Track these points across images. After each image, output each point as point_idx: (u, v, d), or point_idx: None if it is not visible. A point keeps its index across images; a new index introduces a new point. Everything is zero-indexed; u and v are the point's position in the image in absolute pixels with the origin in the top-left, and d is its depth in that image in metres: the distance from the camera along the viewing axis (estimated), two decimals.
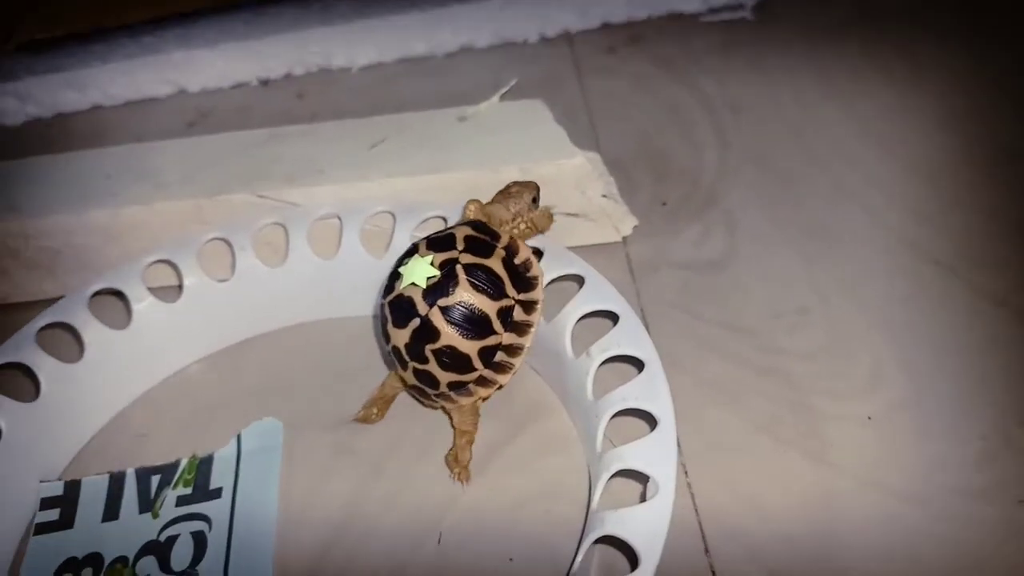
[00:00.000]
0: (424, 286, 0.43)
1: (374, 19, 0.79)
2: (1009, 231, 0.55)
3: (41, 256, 0.57)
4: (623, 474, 0.40)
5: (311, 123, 0.64)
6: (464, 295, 0.42)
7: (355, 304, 0.55)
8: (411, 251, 0.45)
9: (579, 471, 0.46)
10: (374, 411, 0.50)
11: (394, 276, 0.44)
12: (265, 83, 0.80)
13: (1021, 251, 0.54)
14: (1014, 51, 0.71)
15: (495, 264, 0.44)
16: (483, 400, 0.46)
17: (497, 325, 0.43)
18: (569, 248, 0.50)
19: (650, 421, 0.41)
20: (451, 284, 0.42)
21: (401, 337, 0.43)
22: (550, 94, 0.63)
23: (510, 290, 0.44)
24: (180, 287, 0.53)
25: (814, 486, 0.44)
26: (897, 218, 0.57)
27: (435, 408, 0.48)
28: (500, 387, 0.45)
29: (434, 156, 0.57)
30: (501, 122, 0.59)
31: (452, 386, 0.44)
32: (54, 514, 0.47)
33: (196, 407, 0.52)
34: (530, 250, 0.45)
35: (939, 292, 0.52)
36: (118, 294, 0.53)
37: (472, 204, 0.47)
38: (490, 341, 0.43)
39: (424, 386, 0.45)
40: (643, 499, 0.39)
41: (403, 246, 0.52)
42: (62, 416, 0.49)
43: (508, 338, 0.44)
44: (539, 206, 0.48)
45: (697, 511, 0.44)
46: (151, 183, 0.57)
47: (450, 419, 0.47)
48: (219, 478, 0.48)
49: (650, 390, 0.42)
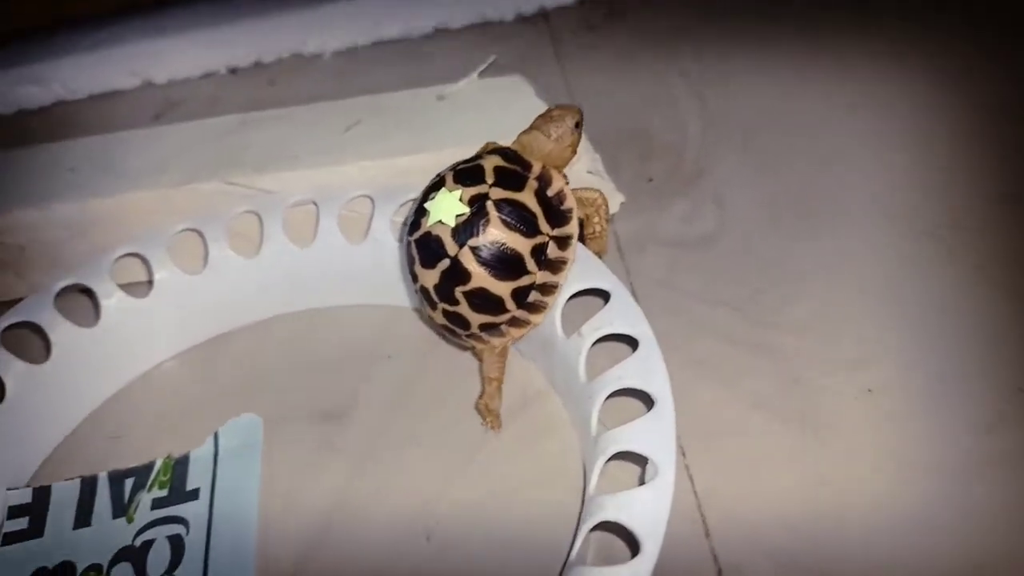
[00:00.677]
0: (452, 224, 0.40)
1: (345, 2, 0.77)
2: (994, 200, 0.54)
3: (5, 254, 0.55)
4: (620, 457, 0.38)
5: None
6: (496, 234, 0.40)
7: (334, 293, 0.53)
8: (437, 183, 0.42)
9: (573, 456, 0.44)
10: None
11: (420, 212, 0.42)
12: (234, 71, 0.78)
13: (1005, 220, 0.52)
14: (1010, 13, 0.69)
15: (527, 198, 0.41)
16: (515, 340, 0.44)
17: (531, 264, 0.41)
18: None
19: (646, 401, 0.39)
20: (482, 222, 0.40)
21: (430, 278, 0.41)
22: (529, 73, 0.62)
23: (544, 226, 0.41)
24: (150, 281, 0.51)
25: (813, 463, 0.42)
26: (880, 188, 0.56)
27: (465, 348, 0.46)
28: (533, 326, 0.43)
29: (412, 137, 0.55)
30: (481, 100, 0.57)
31: (484, 327, 0.42)
32: (23, 523, 0.45)
33: (170, 406, 0.50)
34: (564, 179, 0.43)
35: (925, 262, 0.51)
36: (86, 291, 0.51)
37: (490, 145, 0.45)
38: (523, 281, 0.41)
39: (455, 327, 0.43)
40: (641, 482, 0.37)
41: (382, 231, 0.50)
42: (30, 420, 0.47)
43: (542, 276, 0.42)
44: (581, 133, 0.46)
45: (696, 493, 0.42)
46: (117, 174, 0.55)
47: (479, 361, 0.46)
48: (196, 479, 0.46)
49: (646, 369, 0.40)
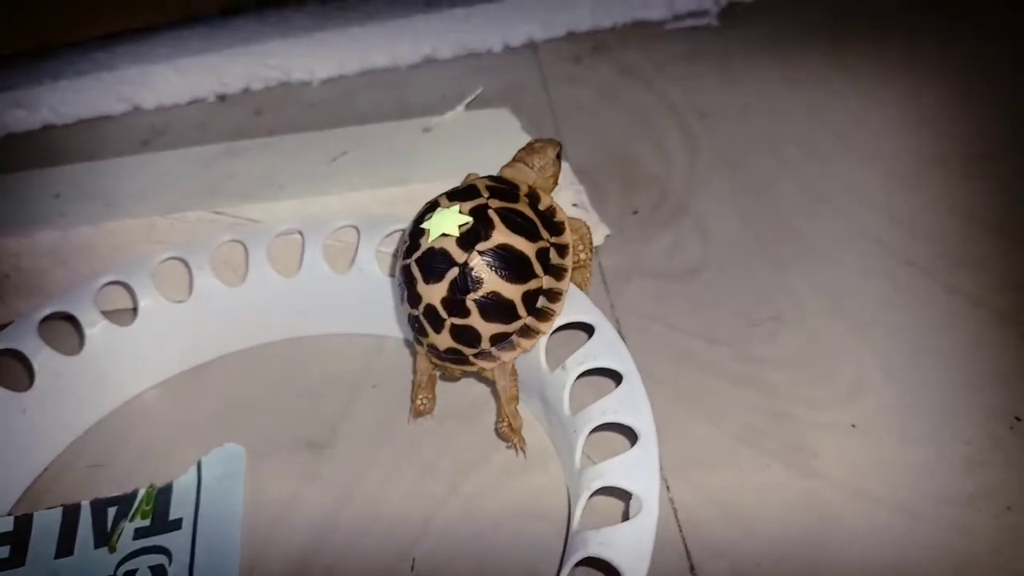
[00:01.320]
0: (457, 234, 0.41)
1: (333, 31, 0.77)
2: (984, 231, 0.55)
3: None
4: (604, 491, 0.38)
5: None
6: (503, 237, 0.41)
7: (319, 322, 0.54)
8: (431, 206, 0.43)
9: (557, 489, 0.44)
10: (423, 401, 0.47)
11: (416, 233, 0.42)
12: (223, 99, 0.78)
13: (996, 251, 0.53)
14: (981, 53, 0.70)
15: (524, 208, 0.42)
16: (524, 352, 0.43)
17: (537, 267, 0.42)
18: None
19: (629, 435, 0.40)
20: (487, 227, 0.41)
21: (436, 293, 0.41)
22: (515, 104, 0.62)
23: (543, 232, 0.42)
24: (135, 309, 0.51)
25: (798, 497, 0.42)
26: (871, 220, 0.56)
27: (466, 375, 0.45)
28: (541, 336, 0.43)
29: (398, 168, 0.55)
30: (467, 132, 0.58)
31: (495, 339, 0.42)
32: (4, 551, 0.44)
33: (154, 434, 0.50)
34: (552, 199, 0.44)
35: (916, 294, 0.51)
36: (70, 318, 0.50)
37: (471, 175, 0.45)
38: (532, 284, 0.42)
39: (463, 346, 0.42)
40: (625, 516, 0.37)
41: (367, 261, 0.51)
42: (12, 448, 0.47)
43: (548, 282, 0.42)
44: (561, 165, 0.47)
45: (680, 527, 0.42)
46: (102, 202, 0.55)
47: (490, 386, 0.46)
48: (179, 508, 0.45)
49: (629, 403, 0.40)
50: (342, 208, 0.53)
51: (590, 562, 0.36)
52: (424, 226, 0.42)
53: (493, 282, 0.41)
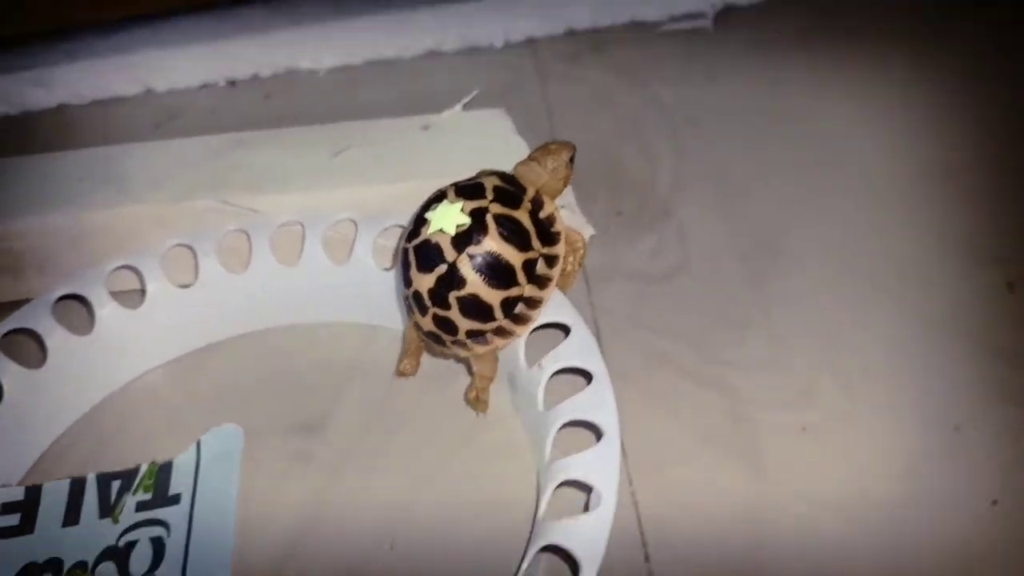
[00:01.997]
0: (453, 233, 0.43)
1: (342, 22, 0.80)
2: (949, 251, 0.57)
3: (4, 259, 0.58)
4: (569, 484, 0.42)
5: (277, 126, 0.64)
6: (492, 245, 0.43)
7: (316, 311, 0.57)
8: (439, 196, 0.46)
9: (529, 479, 0.47)
10: (407, 364, 0.50)
11: (420, 221, 0.45)
12: (232, 84, 0.81)
13: (957, 271, 0.56)
14: (968, 69, 0.73)
15: (523, 216, 0.45)
16: (498, 349, 0.47)
17: (521, 277, 0.44)
18: None
19: (596, 432, 0.43)
20: (480, 233, 0.43)
21: (425, 282, 0.44)
22: (513, 100, 0.65)
23: (535, 243, 0.45)
24: (143, 292, 0.54)
25: (750, 497, 0.45)
26: (846, 234, 0.59)
27: (447, 357, 0.49)
28: (516, 337, 0.46)
29: (396, 165, 0.58)
30: (463, 131, 0.60)
31: (470, 334, 0.45)
32: (14, 519, 0.48)
33: (157, 413, 0.53)
34: (555, 206, 0.47)
35: (877, 309, 0.54)
36: (81, 299, 0.53)
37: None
38: (513, 292, 0.44)
39: (442, 332, 0.45)
40: (587, 508, 0.40)
41: (364, 253, 0.54)
42: (24, 422, 0.50)
43: (529, 290, 0.45)
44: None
45: (640, 521, 0.45)
46: (116, 187, 0.58)
47: (467, 368, 0.49)
48: (178, 484, 0.49)
49: (596, 402, 0.43)
50: (342, 202, 0.56)
51: (551, 549, 0.40)
52: (427, 216, 0.45)
53: (475, 285, 0.43)
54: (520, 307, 0.45)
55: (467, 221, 0.44)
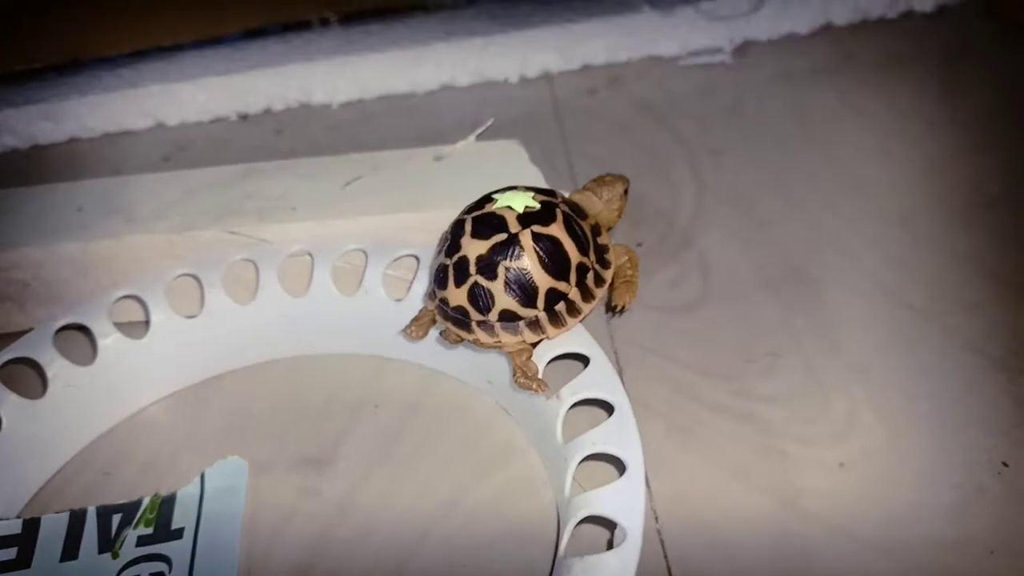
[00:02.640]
0: (521, 211, 0.43)
1: (355, 56, 0.79)
2: (983, 277, 0.55)
3: (10, 288, 0.57)
4: (591, 520, 0.39)
5: (287, 159, 0.63)
6: (558, 232, 0.43)
7: (324, 342, 0.55)
8: (508, 188, 0.46)
9: (549, 514, 0.45)
10: (415, 329, 0.47)
11: (484, 200, 0.45)
12: (244, 117, 0.80)
13: (994, 298, 0.54)
14: (989, 100, 0.71)
15: (586, 228, 0.45)
16: (528, 346, 0.45)
17: (572, 276, 0.43)
18: None
19: (619, 466, 0.41)
20: (549, 219, 0.43)
21: (476, 248, 0.43)
22: (529, 134, 0.63)
23: (592, 255, 0.45)
24: (147, 322, 0.52)
25: (785, 535, 0.43)
26: (873, 262, 0.57)
27: (460, 342, 0.45)
28: (545, 337, 0.44)
29: (408, 195, 0.56)
30: (477, 162, 0.59)
31: (504, 316, 0.43)
32: (11, 553, 0.45)
33: (161, 445, 0.51)
34: (609, 239, 0.47)
35: (913, 337, 0.52)
36: (84, 329, 0.52)
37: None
38: (560, 286, 0.43)
39: (473, 308, 0.43)
40: (610, 546, 0.38)
41: (374, 284, 0.52)
42: (23, 453, 0.48)
43: (574, 294, 0.44)
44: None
45: (667, 558, 0.43)
46: (122, 217, 0.57)
47: (484, 353, 0.48)
48: (181, 518, 0.47)
49: (619, 434, 0.41)
50: (353, 232, 0.55)
51: None
52: (495, 196, 0.45)
53: (531, 262, 0.42)
54: (561, 306, 0.44)
55: (537, 206, 0.43)
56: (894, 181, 0.64)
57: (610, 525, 0.40)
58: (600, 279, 0.45)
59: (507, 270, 0.42)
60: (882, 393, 0.49)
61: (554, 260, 0.43)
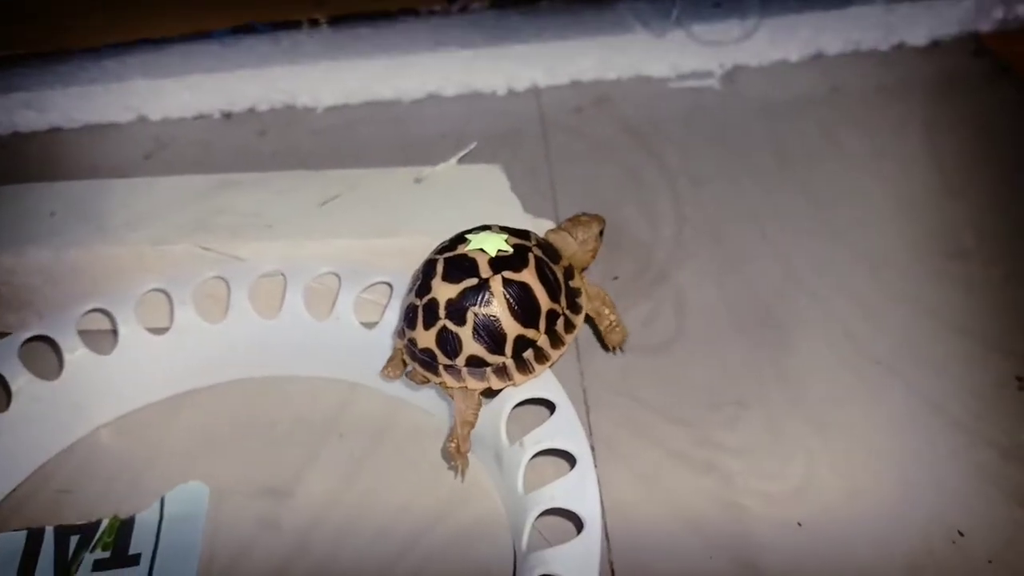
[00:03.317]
0: (493, 255, 0.43)
1: (343, 60, 0.78)
2: (950, 332, 0.55)
3: None
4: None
5: (270, 163, 0.63)
6: (529, 279, 0.43)
7: (294, 364, 0.55)
8: (481, 228, 0.45)
9: (506, 563, 0.45)
10: (391, 369, 0.47)
11: (457, 239, 0.45)
12: (228, 116, 0.79)
13: (960, 355, 0.54)
14: (970, 140, 0.71)
15: (559, 272, 0.45)
16: (490, 391, 0.45)
17: (542, 323, 0.44)
18: None
19: (578, 522, 0.41)
20: (521, 264, 0.43)
21: (446, 292, 0.43)
22: (513, 150, 0.63)
23: (563, 300, 0.45)
24: (116, 335, 0.52)
25: None
26: (841, 309, 0.57)
27: (427, 384, 0.46)
28: (512, 384, 0.44)
29: (385, 218, 0.56)
30: (456, 187, 0.58)
31: (471, 361, 0.43)
32: None
33: (122, 463, 0.51)
34: (583, 281, 0.47)
35: (877, 392, 0.52)
36: (51, 341, 0.51)
37: None
38: (529, 333, 0.43)
39: (440, 352, 0.43)
40: None
41: (346, 309, 0.52)
42: None
43: (543, 341, 0.44)
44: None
45: None
46: (95, 225, 0.56)
47: (449, 406, 0.47)
48: (139, 544, 0.47)
49: (579, 490, 0.41)
50: (327, 254, 0.54)
51: None
52: (468, 236, 0.45)
53: (500, 309, 0.42)
54: (529, 353, 0.44)
55: (510, 250, 0.43)
56: (867, 224, 0.63)
57: None
58: (571, 325, 0.45)
59: (476, 316, 0.42)
60: (843, 449, 0.49)
61: (524, 307, 0.43)
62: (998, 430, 0.50)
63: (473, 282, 0.42)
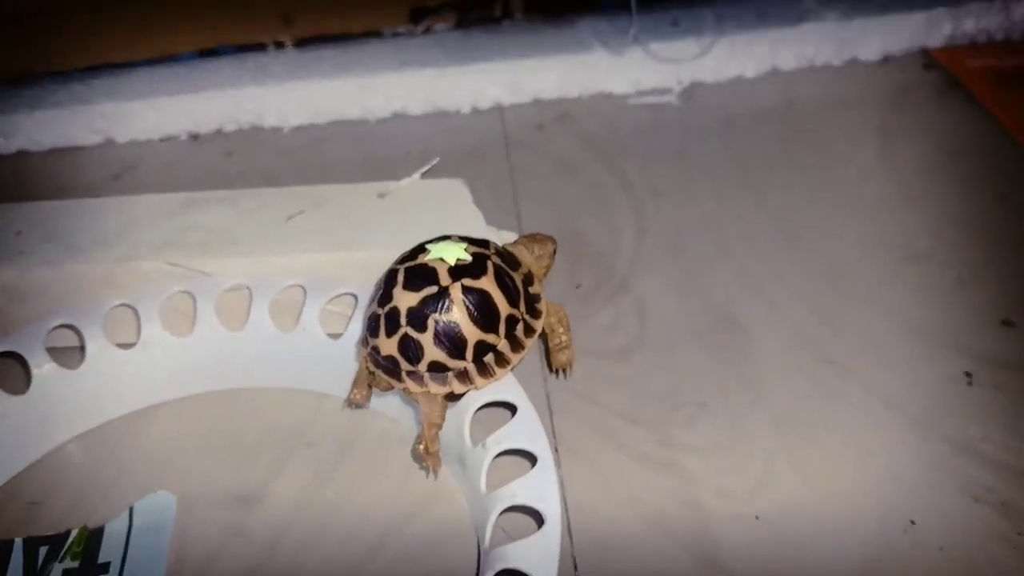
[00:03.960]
0: (452, 263, 0.44)
1: (308, 80, 0.79)
2: (905, 333, 0.57)
3: None
4: (509, 572, 0.40)
5: (238, 183, 0.63)
6: (488, 286, 0.44)
7: (261, 376, 0.55)
8: (442, 238, 0.47)
9: (470, 562, 0.46)
10: (358, 393, 0.48)
11: (417, 250, 0.46)
12: (195, 137, 0.80)
13: (914, 354, 0.55)
14: (922, 150, 0.73)
15: (518, 279, 0.46)
16: (453, 396, 0.46)
17: (502, 328, 0.45)
18: None
19: (539, 519, 0.42)
20: (480, 272, 0.44)
21: (407, 300, 0.44)
22: (477, 167, 0.64)
23: (522, 305, 0.46)
24: (83, 351, 0.53)
25: None
26: (799, 314, 0.59)
27: (390, 390, 0.47)
28: (473, 388, 0.45)
29: (350, 232, 0.57)
30: (420, 201, 0.59)
31: (433, 367, 0.44)
32: None
33: (92, 475, 0.51)
34: (541, 287, 0.48)
35: (833, 392, 0.54)
36: (18, 357, 0.52)
37: None
38: (490, 338, 0.44)
39: (402, 359, 0.44)
40: None
41: (311, 320, 0.53)
42: None
43: (503, 345, 0.45)
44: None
45: None
46: (62, 244, 0.57)
47: (415, 410, 0.48)
48: (108, 552, 0.47)
49: (539, 487, 0.42)
50: (293, 267, 0.55)
51: None
52: (428, 247, 0.46)
53: (460, 315, 0.43)
54: (490, 357, 0.45)
55: (468, 259, 0.44)
56: (823, 232, 0.65)
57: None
58: (530, 329, 0.46)
59: (437, 323, 0.43)
60: (801, 447, 0.50)
61: (483, 313, 0.44)
62: (949, 424, 0.51)
63: (433, 290, 0.43)
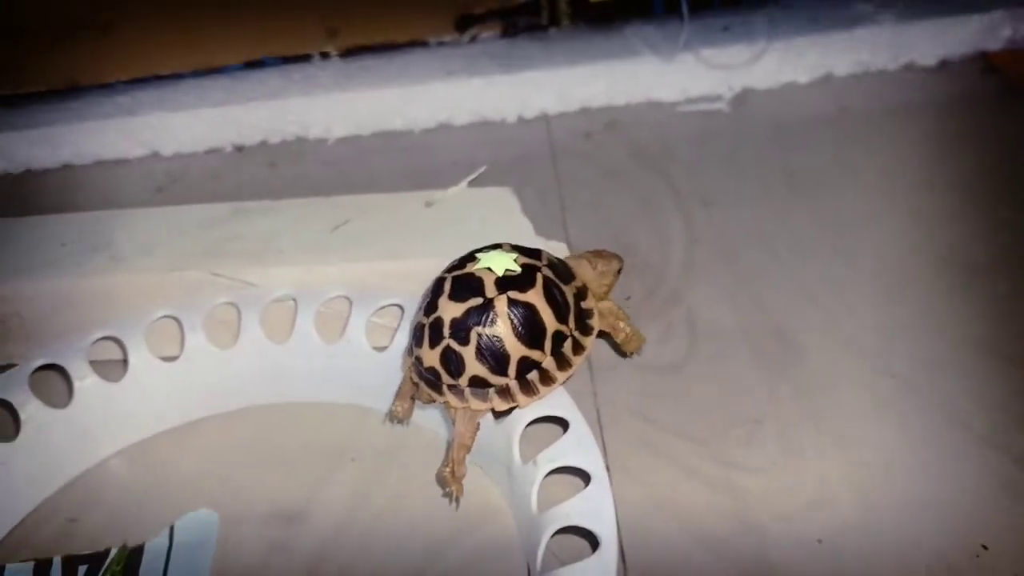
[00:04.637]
0: (500, 274, 0.43)
1: (353, 92, 0.79)
2: (967, 347, 0.54)
3: None
4: None
5: (281, 195, 0.63)
6: (536, 299, 0.42)
7: (305, 390, 0.54)
8: (493, 246, 0.45)
9: None
10: (399, 407, 0.47)
11: (467, 258, 0.44)
12: (240, 149, 0.79)
13: (980, 369, 0.53)
14: (980, 159, 0.70)
15: (568, 293, 0.44)
16: (496, 412, 0.44)
17: (547, 344, 0.43)
18: None
19: (593, 540, 0.40)
20: (527, 284, 0.43)
21: (451, 311, 0.42)
22: (524, 177, 0.63)
23: (571, 321, 0.44)
24: (126, 364, 0.52)
25: None
26: (855, 326, 0.56)
27: (432, 403, 0.45)
28: (515, 406, 0.44)
29: (396, 242, 0.56)
30: (467, 210, 0.58)
31: (473, 381, 0.43)
32: None
33: (131, 492, 0.51)
34: (595, 303, 0.46)
35: (895, 407, 0.51)
36: (60, 369, 0.51)
37: None
38: (534, 355, 0.43)
39: (444, 372, 0.43)
40: None
41: (357, 332, 0.51)
42: None
43: (548, 362, 0.43)
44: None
45: None
46: (107, 255, 0.57)
47: (450, 429, 0.46)
48: (148, 571, 0.46)
49: (594, 508, 0.41)
50: (339, 278, 0.55)
51: None
52: (478, 255, 0.44)
53: (503, 329, 0.42)
54: (534, 375, 0.43)
55: (517, 269, 0.43)
56: (877, 241, 0.63)
57: None
58: (579, 346, 0.44)
59: (479, 336, 0.42)
60: (862, 465, 0.48)
61: (528, 328, 0.42)
62: (1018, 442, 0.49)
63: (478, 302, 0.42)
